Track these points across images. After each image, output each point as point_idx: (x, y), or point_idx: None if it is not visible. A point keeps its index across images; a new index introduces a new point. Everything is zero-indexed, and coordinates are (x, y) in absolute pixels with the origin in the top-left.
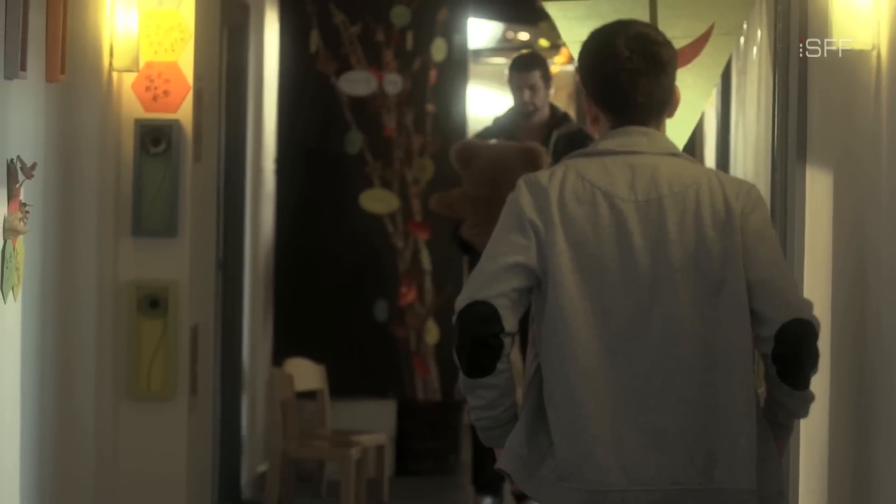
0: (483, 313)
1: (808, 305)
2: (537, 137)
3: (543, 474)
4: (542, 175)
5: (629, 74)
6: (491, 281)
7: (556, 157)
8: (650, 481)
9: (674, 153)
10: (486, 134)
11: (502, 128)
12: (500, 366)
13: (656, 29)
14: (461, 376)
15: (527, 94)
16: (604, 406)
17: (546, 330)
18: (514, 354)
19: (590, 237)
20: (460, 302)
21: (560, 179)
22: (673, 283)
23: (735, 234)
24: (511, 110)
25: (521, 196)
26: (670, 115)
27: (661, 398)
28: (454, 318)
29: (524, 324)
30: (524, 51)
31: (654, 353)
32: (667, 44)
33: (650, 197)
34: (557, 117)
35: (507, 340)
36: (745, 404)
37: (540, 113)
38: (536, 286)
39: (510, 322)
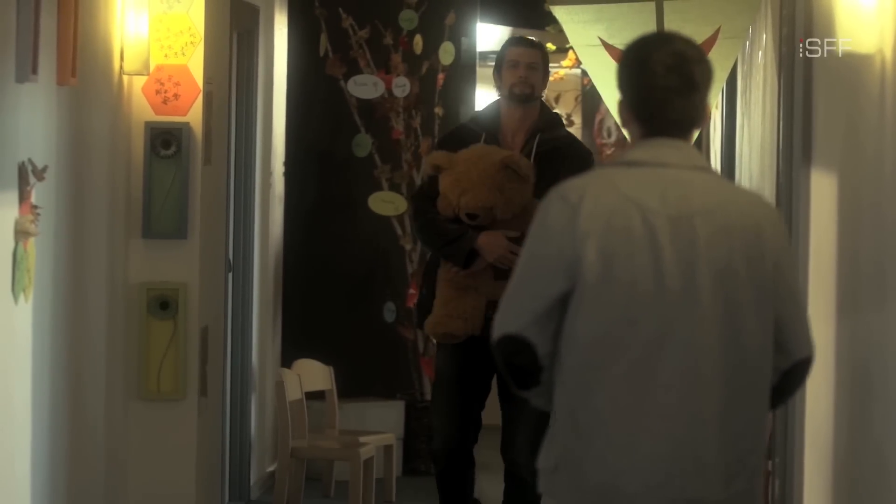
0: (516, 346)
1: (814, 341)
2: (521, 137)
3: (559, 476)
4: (575, 185)
5: (662, 92)
6: (523, 311)
7: (537, 163)
8: (659, 488)
9: (703, 168)
10: (462, 132)
11: (483, 125)
12: (544, 377)
13: (695, 46)
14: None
15: (523, 70)
16: (621, 412)
17: (569, 336)
18: None
19: (621, 249)
20: (495, 331)
21: (593, 190)
22: (699, 300)
23: (764, 259)
24: (493, 105)
25: (552, 207)
26: (699, 127)
27: (678, 409)
28: (492, 344)
29: None
30: None
31: (675, 365)
32: (703, 62)
33: (682, 212)
34: (547, 119)
35: (545, 360)
36: (759, 424)
37: (532, 104)
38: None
39: (544, 344)
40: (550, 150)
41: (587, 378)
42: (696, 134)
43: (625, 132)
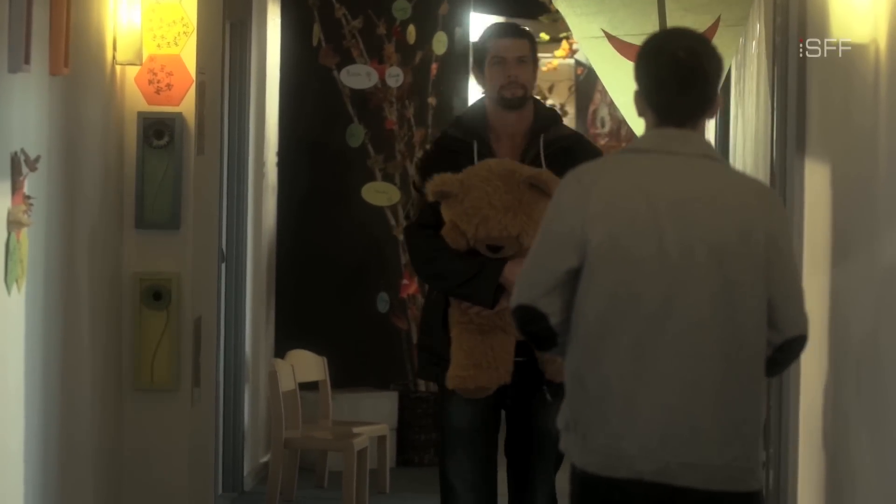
0: (529, 315)
1: (807, 319)
2: (519, 140)
3: (570, 435)
4: (590, 168)
5: (671, 82)
6: (535, 283)
7: (550, 166)
8: (654, 451)
9: (708, 155)
10: (448, 144)
11: (470, 131)
12: (560, 339)
13: (705, 40)
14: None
15: (512, 68)
16: (624, 380)
17: (579, 308)
18: None
19: (626, 230)
20: (512, 300)
21: (605, 174)
22: (698, 279)
23: (760, 241)
24: (477, 106)
25: (567, 188)
26: (709, 117)
27: (675, 379)
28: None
29: None
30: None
31: (674, 339)
32: (712, 56)
33: (683, 196)
34: (545, 117)
35: (558, 327)
36: (754, 395)
37: (525, 107)
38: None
39: (556, 312)
40: (559, 152)
41: (595, 347)
42: (705, 123)
43: (625, 123)
